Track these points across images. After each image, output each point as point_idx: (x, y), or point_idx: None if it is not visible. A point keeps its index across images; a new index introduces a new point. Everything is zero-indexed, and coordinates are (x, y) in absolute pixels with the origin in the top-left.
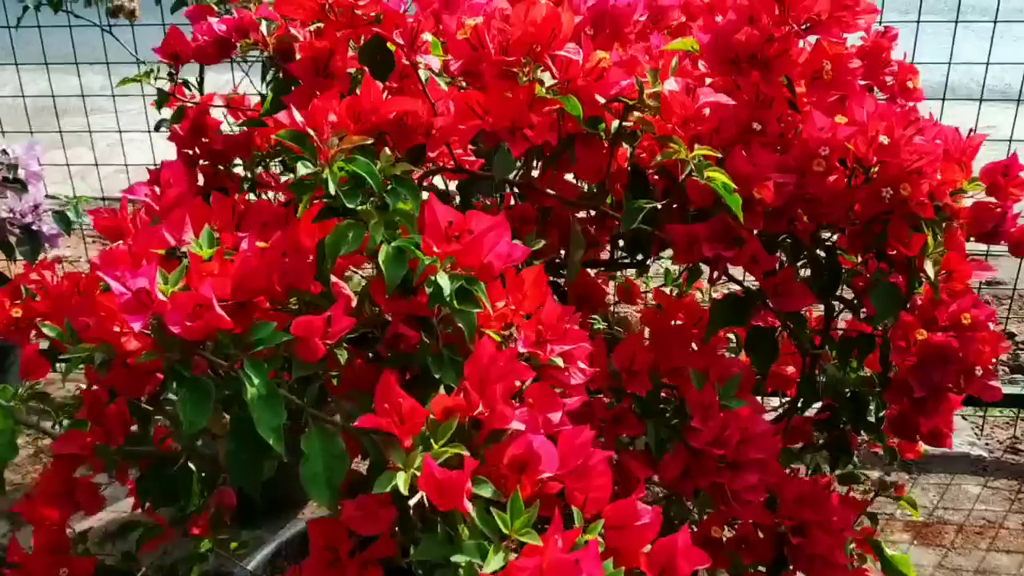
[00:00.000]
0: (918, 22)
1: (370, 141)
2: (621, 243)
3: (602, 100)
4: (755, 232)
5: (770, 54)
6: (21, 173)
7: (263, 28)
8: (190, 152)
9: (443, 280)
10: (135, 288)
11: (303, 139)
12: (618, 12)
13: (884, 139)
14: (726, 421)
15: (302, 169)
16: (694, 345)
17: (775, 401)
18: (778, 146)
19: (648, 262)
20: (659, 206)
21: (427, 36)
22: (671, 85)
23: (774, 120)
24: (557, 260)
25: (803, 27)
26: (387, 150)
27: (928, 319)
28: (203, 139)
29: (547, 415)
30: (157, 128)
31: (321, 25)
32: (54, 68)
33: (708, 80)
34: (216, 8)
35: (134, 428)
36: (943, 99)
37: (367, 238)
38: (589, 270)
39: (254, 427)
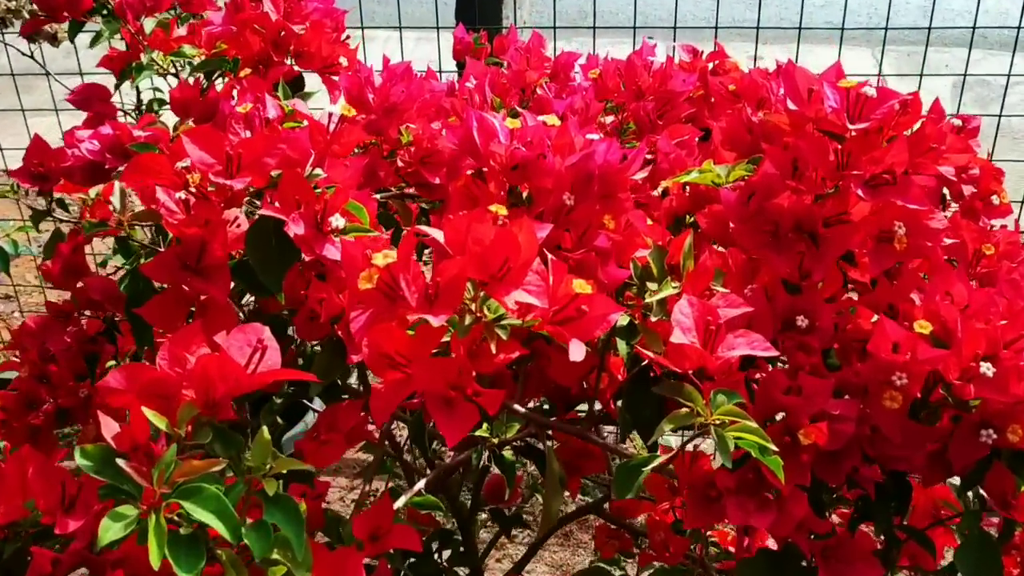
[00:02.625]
0: None
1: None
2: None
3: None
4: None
5: (822, 224)
6: None
7: (115, 198)
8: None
9: None
10: None
11: (119, 471)
12: (609, 171)
13: (987, 368)
14: None
15: (111, 529)
16: None
17: None
18: (834, 344)
19: None
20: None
21: (338, 221)
22: (679, 317)
23: (827, 312)
24: None
25: (870, 184)
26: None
27: None
28: (78, 283)
29: None
30: (46, 257)
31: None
32: None
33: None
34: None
35: None
36: None
37: None
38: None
39: None
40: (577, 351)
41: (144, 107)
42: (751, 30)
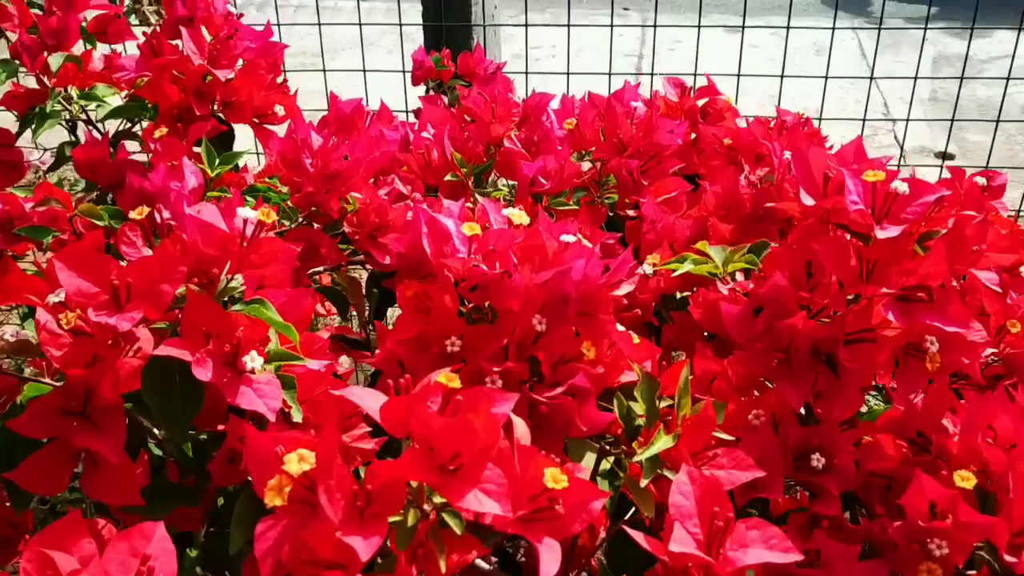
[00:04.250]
0: None
1: None
2: None
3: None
4: None
5: (842, 346)
6: None
7: None
8: None
9: None
10: None
11: None
12: (589, 290)
13: None
14: None
15: None
16: None
17: None
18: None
19: None
20: None
21: (255, 362)
22: (679, 500)
23: (847, 447)
24: None
25: (901, 299)
26: None
27: None
28: None
29: None
30: None
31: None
32: None
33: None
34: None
35: None
36: None
37: None
38: None
39: None
40: (550, 556)
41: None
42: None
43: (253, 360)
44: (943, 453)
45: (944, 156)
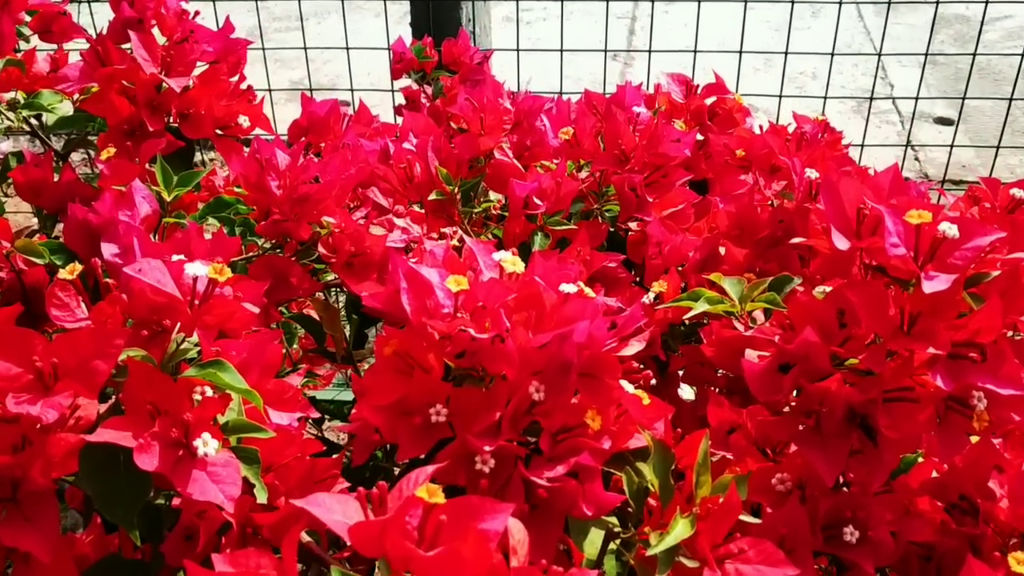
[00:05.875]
0: None
1: None
2: None
3: None
4: None
5: (881, 409)
6: None
7: None
8: None
9: None
10: None
11: None
12: (594, 353)
13: None
14: None
15: None
16: None
17: None
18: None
19: None
20: None
21: (208, 446)
22: None
23: (883, 518)
24: None
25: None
26: None
27: None
28: None
29: None
30: None
31: None
32: None
33: None
34: None
35: None
36: None
37: None
38: None
39: None
40: None
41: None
42: None
43: (206, 444)
44: (991, 520)
45: (944, 121)
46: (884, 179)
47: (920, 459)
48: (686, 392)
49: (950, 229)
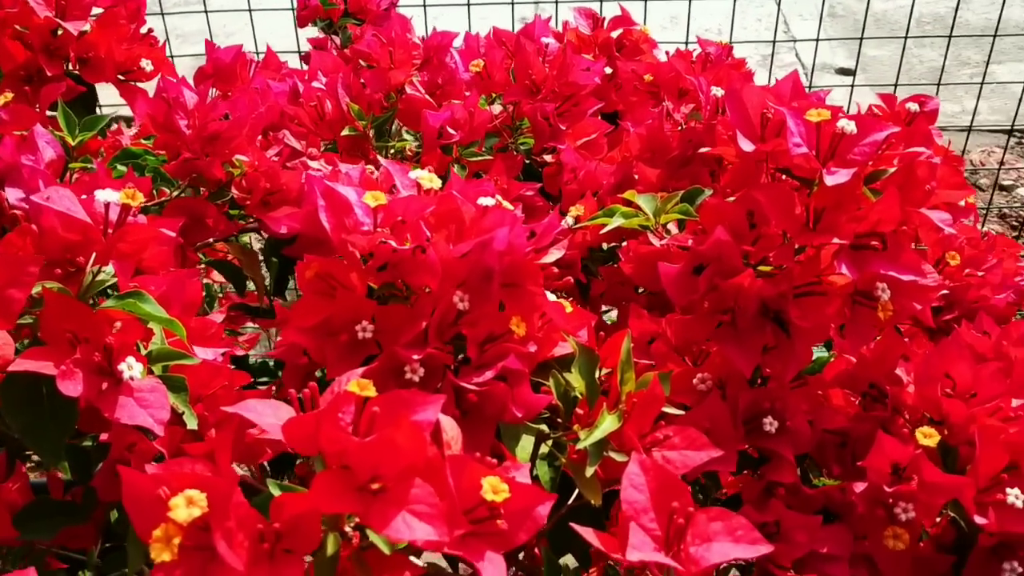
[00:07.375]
0: None
1: None
2: None
3: None
4: None
5: (792, 302)
6: None
7: None
8: None
9: None
10: None
11: None
12: (515, 260)
13: (1016, 496)
14: None
15: None
16: None
17: None
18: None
19: None
20: None
21: (133, 369)
22: (632, 495)
23: (800, 408)
24: None
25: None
26: None
27: None
28: None
29: None
30: None
31: None
32: None
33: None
34: None
35: None
36: None
37: None
38: None
39: None
40: (494, 572)
41: None
42: None
43: (131, 368)
44: (899, 405)
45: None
46: (785, 86)
47: (832, 359)
48: (610, 319)
49: (848, 125)
